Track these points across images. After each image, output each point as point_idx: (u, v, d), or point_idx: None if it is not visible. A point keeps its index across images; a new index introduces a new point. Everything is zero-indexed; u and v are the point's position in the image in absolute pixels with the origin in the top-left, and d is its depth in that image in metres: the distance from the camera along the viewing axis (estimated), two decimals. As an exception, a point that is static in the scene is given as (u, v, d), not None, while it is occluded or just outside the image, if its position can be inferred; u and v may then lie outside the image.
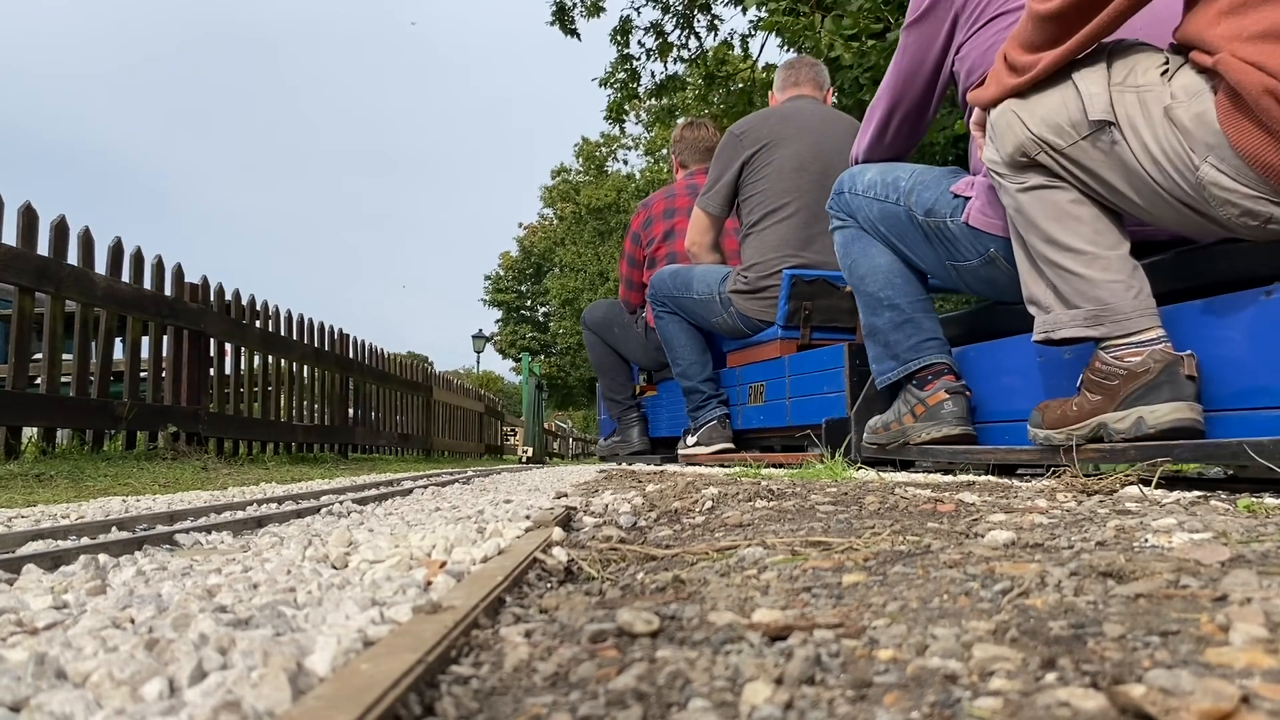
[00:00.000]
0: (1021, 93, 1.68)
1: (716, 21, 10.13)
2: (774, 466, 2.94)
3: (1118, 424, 1.63)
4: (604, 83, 10.16)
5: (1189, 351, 1.60)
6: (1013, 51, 1.69)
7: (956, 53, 2.17)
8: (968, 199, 2.08)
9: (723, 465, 3.46)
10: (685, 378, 3.81)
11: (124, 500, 2.18)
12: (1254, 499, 1.16)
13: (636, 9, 10.01)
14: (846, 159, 2.89)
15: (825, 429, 2.87)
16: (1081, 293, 1.66)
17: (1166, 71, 1.55)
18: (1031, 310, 1.79)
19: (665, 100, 10.55)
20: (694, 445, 3.75)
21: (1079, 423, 1.73)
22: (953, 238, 2.12)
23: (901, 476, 2.04)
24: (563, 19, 9.87)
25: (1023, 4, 1.89)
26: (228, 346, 5.29)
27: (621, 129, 11.69)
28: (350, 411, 7.25)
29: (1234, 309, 1.62)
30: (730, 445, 3.69)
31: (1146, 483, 1.37)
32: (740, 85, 9.60)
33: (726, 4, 9.93)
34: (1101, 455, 1.71)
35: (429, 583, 0.84)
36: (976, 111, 1.90)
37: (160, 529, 1.41)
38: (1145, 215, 1.64)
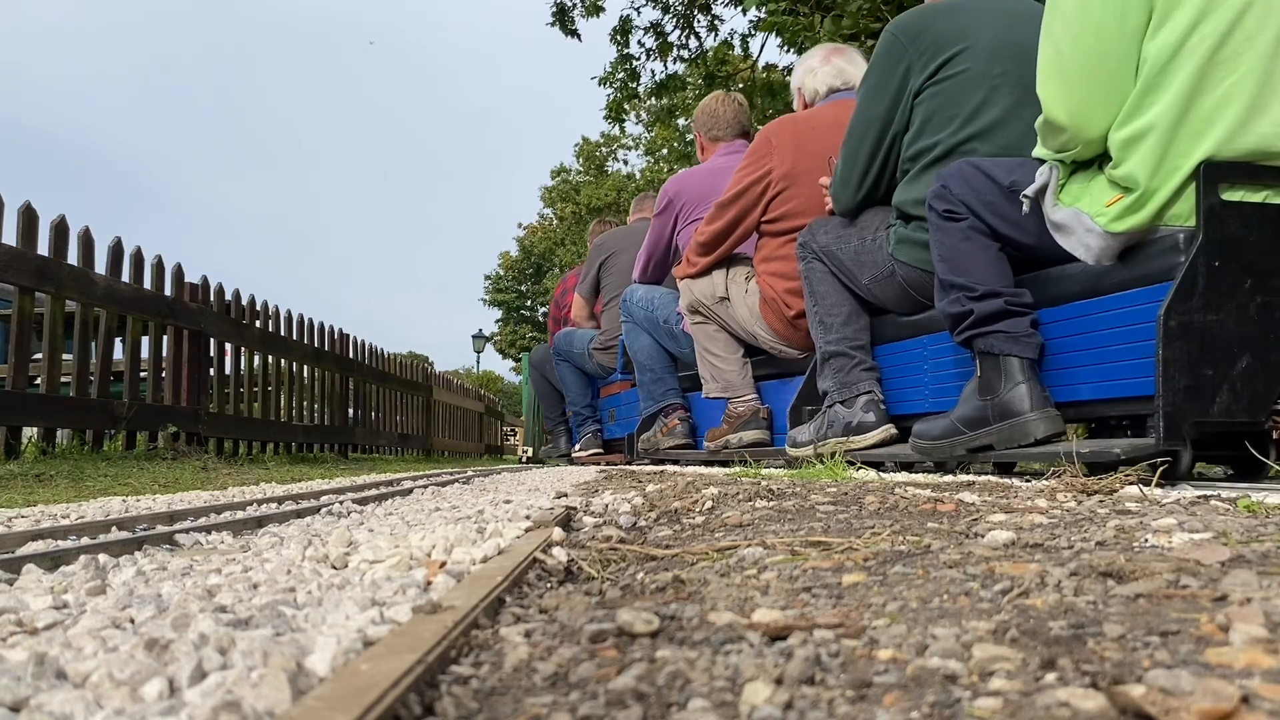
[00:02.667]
0: (692, 276, 3.46)
1: (716, 21, 10.10)
2: (613, 464, 4.88)
3: (733, 439, 3.37)
4: (604, 82, 10.13)
5: (767, 405, 3.40)
6: (690, 254, 3.45)
7: (677, 235, 4.01)
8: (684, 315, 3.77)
9: (595, 463, 5.24)
10: (573, 404, 5.70)
11: (124, 500, 2.18)
12: (1254, 499, 1.16)
13: (636, 9, 9.98)
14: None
15: (627, 440, 4.81)
16: (720, 376, 3.45)
17: (750, 276, 3.30)
18: (702, 381, 3.55)
19: (665, 100, 10.52)
20: (578, 450, 5.64)
21: (720, 439, 3.45)
22: (677, 336, 3.89)
23: (902, 477, 2.06)
24: (563, 19, 9.85)
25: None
26: (228, 346, 5.29)
27: (622, 129, 11.67)
28: (350, 411, 7.24)
29: (782, 386, 3.37)
30: (600, 450, 5.52)
31: (1147, 482, 1.37)
32: (740, 85, 9.58)
33: (726, 4, 9.91)
34: (729, 455, 3.39)
35: (429, 583, 0.84)
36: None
37: (160, 529, 1.41)
38: (747, 340, 3.37)
